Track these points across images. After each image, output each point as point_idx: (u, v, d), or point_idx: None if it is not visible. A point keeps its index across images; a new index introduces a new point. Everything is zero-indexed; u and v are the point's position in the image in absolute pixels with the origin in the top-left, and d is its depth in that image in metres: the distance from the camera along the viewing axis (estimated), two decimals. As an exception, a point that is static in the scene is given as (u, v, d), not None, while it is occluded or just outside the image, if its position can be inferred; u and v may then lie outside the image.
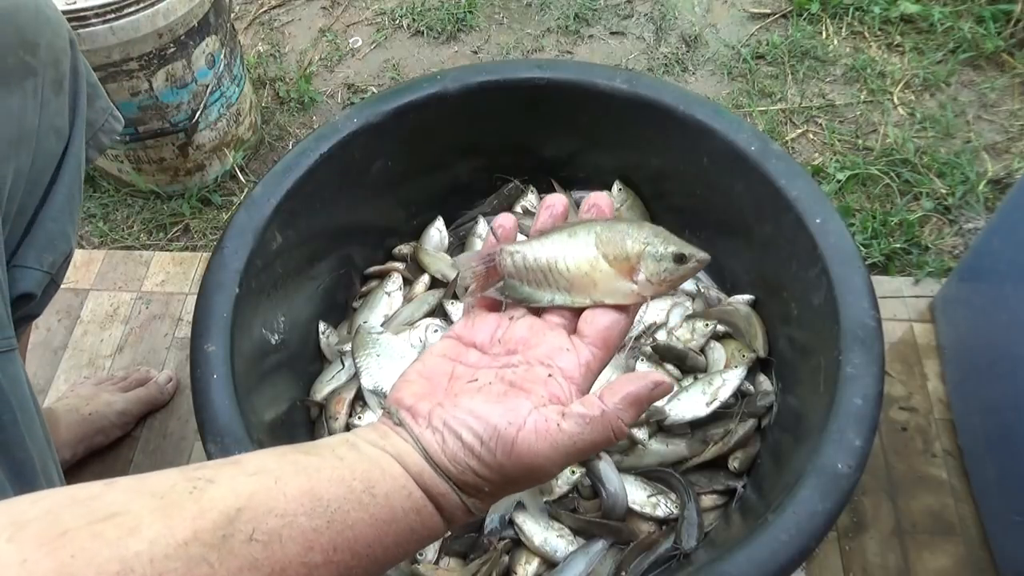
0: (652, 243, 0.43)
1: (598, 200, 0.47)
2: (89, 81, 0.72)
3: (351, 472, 0.35)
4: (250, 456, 0.35)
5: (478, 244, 1.06)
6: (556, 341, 0.42)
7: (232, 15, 1.45)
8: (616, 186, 1.07)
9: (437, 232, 1.08)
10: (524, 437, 0.37)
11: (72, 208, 0.68)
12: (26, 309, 0.66)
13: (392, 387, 0.42)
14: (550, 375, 0.40)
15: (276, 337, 0.90)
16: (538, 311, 0.45)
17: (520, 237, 0.47)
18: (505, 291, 0.45)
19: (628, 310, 0.43)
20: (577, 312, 0.44)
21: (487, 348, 0.44)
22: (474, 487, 0.38)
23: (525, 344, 0.42)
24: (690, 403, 0.89)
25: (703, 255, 0.44)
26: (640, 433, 0.88)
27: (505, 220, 0.47)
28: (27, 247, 0.64)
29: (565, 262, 0.43)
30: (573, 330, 0.43)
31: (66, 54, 0.66)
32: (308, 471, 0.35)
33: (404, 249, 1.08)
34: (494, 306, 0.46)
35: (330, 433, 0.92)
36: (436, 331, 0.95)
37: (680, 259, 0.43)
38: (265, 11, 1.65)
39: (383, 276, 1.06)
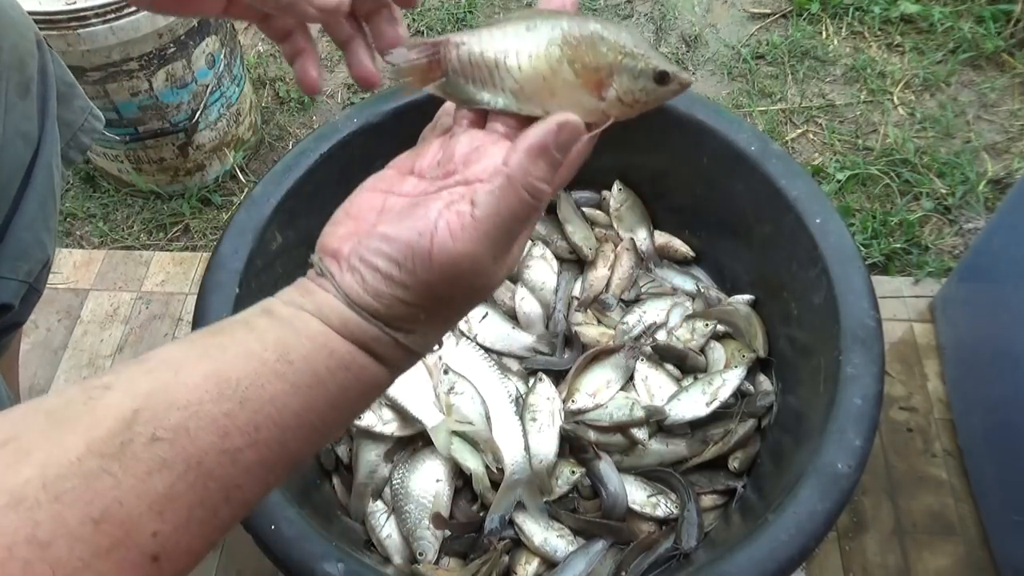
0: (631, 54, 0.36)
1: None
2: (65, 81, 0.70)
3: (262, 343, 0.32)
4: (156, 351, 0.32)
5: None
6: (496, 153, 0.36)
7: (232, 15, 1.45)
8: (616, 186, 1.07)
9: (437, 232, 1.08)
10: (440, 243, 0.33)
11: (47, 215, 0.67)
12: (6, 318, 0.65)
13: (320, 235, 0.38)
14: (482, 181, 0.35)
15: (276, 337, 0.90)
16: (483, 121, 0.39)
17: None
18: (447, 88, 0.39)
19: (589, 129, 0.37)
20: (527, 121, 0.37)
21: (425, 173, 0.39)
22: (408, 319, 0.34)
23: (465, 162, 0.37)
24: (690, 403, 0.89)
25: (687, 77, 0.38)
26: (640, 433, 0.88)
27: None
28: (0, 257, 0.63)
29: (517, 59, 0.37)
30: None
31: (32, 56, 0.64)
32: (212, 353, 0.32)
33: (404, 249, 1.08)
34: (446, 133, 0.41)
35: (330, 433, 0.92)
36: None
37: (662, 78, 0.37)
38: (265, 11, 1.65)
39: (383, 276, 1.06)
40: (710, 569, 0.66)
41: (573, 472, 0.86)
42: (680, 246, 1.07)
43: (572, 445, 0.88)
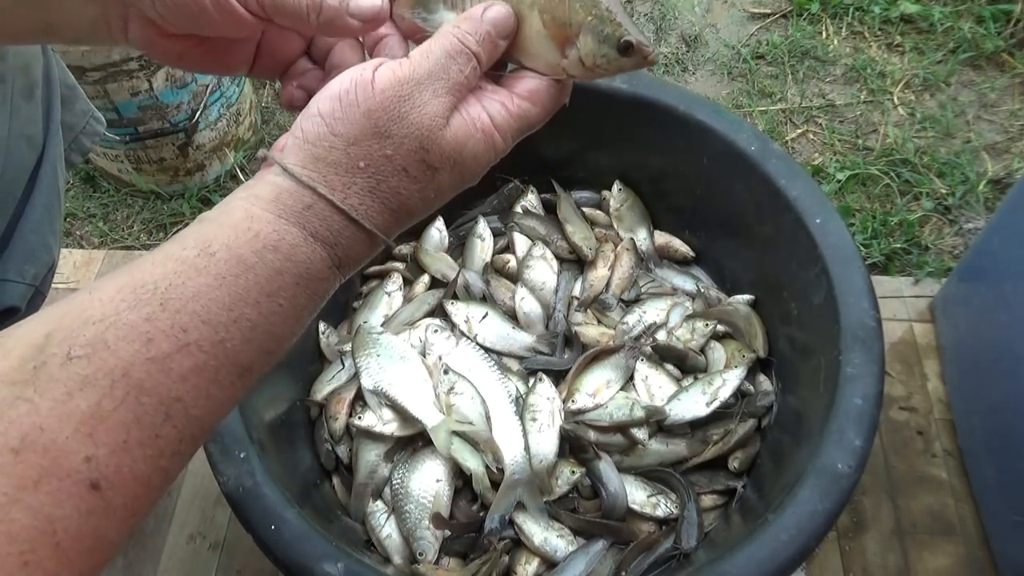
0: (600, 18, 0.36)
1: None
2: (66, 84, 0.70)
3: (181, 244, 0.30)
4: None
5: (478, 244, 1.06)
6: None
7: (232, 15, 1.45)
8: (616, 186, 1.07)
9: (437, 232, 1.08)
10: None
11: (52, 219, 0.67)
12: (12, 321, 0.65)
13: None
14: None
15: (276, 337, 0.90)
16: None
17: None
18: (418, 13, 0.39)
19: (562, 85, 0.38)
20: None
21: None
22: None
23: None
24: (690, 403, 0.89)
25: (652, 52, 0.36)
26: (640, 433, 0.88)
27: None
28: (7, 260, 0.63)
29: None
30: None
31: (37, 60, 0.64)
32: (130, 267, 0.30)
33: (404, 249, 1.08)
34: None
35: (331, 434, 0.92)
36: (436, 331, 0.95)
37: (626, 48, 0.36)
38: (265, 11, 1.65)
39: (383, 276, 1.06)
40: (710, 569, 0.66)
41: (573, 472, 0.86)
42: (680, 246, 1.07)
43: (572, 445, 0.88)
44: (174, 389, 0.28)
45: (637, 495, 0.86)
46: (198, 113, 1.24)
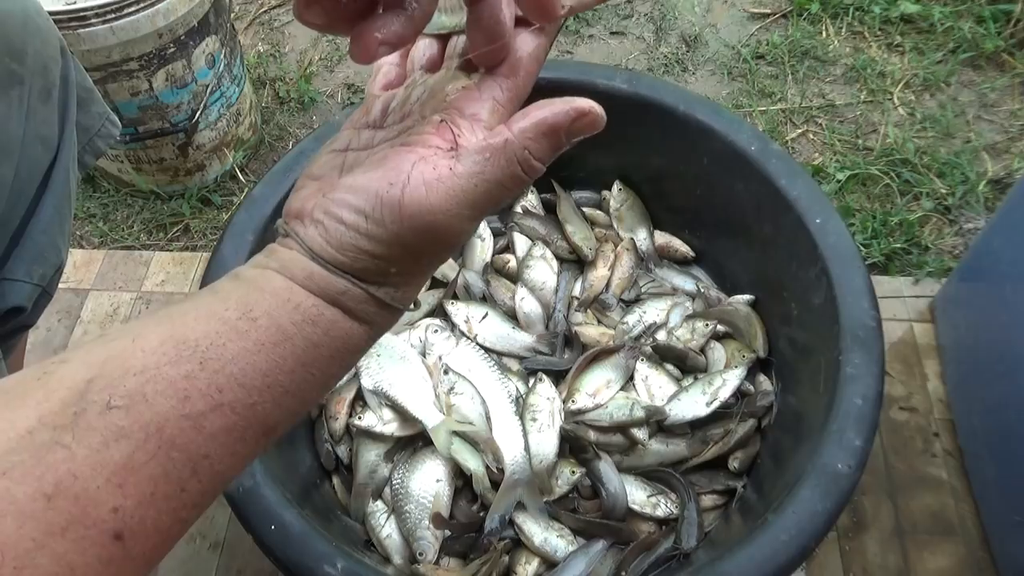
0: None
1: None
2: (84, 86, 0.71)
3: (223, 303, 0.30)
4: (119, 325, 0.31)
5: (478, 244, 1.06)
6: (451, 86, 0.34)
7: (232, 15, 1.45)
8: (616, 186, 1.07)
9: (437, 232, 1.08)
10: (412, 194, 0.30)
11: (62, 220, 0.67)
12: (18, 320, 0.65)
13: (286, 203, 0.36)
14: (443, 120, 0.33)
15: (276, 337, 0.90)
16: (439, 67, 0.38)
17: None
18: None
19: (544, 29, 0.35)
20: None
21: (382, 122, 0.37)
22: (377, 273, 0.32)
23: (420, 102, 0.35)
24: (690, 403, 0.89)
25: None
26: (640, 433, 0.88)
27: None
28: (16, 260, 0.63)
29: None
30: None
31: (56, 62, 0.65)
32: (173, 318, 0.30)
33: (404, 249, 1.08)
34: (396, 85, 0.39)
35: (331, 434, 0.92)
36: (436, 331, 0.95)
37: None
38: (265, 11, 1.65)
39: (383, 276, 1.06)
40: (710, 569, 0.66)
41: (573, 472, 0.86)
42: (680, 246, 1.07)
43: (572, 445, 0.88)
44: (204, 446, 0.28)
45: (637, 495, 0.86)
46: (198, 113, 1.24)
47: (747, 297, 0.98)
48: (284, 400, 0.31)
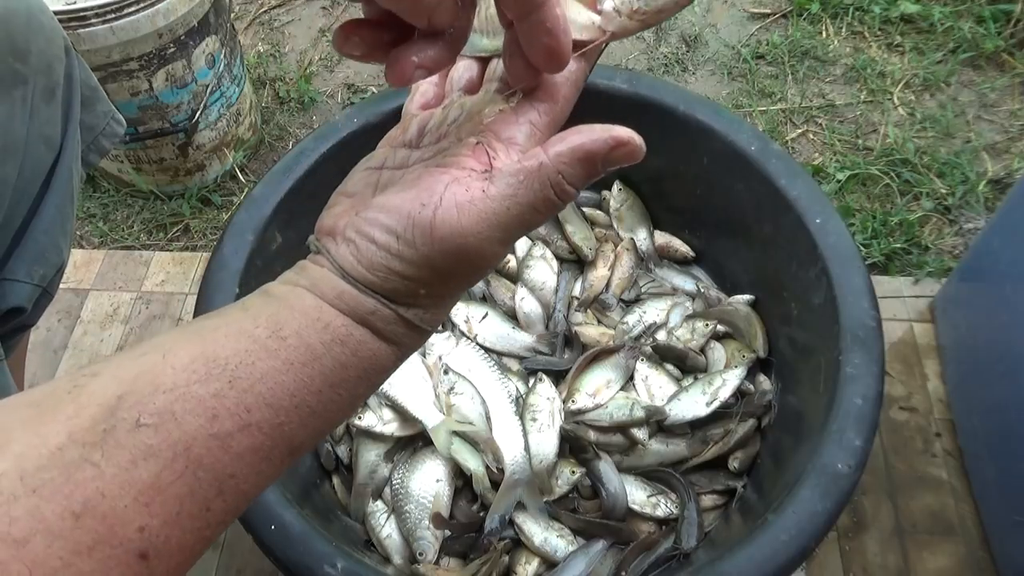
0: None
1: None
2: (89, 85, 0.71)
3: (254, 320, 0.30)
4: (150, 339, 0.31)
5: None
6: (489, 108, 0.34)
7: (232, 15, 1.45)
8: (616, 186, 1.07)
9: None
10: (443, 216, 0.30)
11: (64, 220, 0.67)
12: (18, 321, 0.65)
13: (318, 219, 0.36)
14: (479, 142, 0.32)
15: (276, 337, 0.90)
16: (477, 87, 0.38)
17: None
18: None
19: (585, 54, 0.35)
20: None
21: (418, 142, 0.37)
22: (407, 294, 0.32)
23: (457, 123, 0.35)
24: (690, 403, 0.89)
25: None
26: (640, 433, 0.88)
27: None
28: (17, 260, 0.63)
29: None
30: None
31: (60, 61, 0.65)
32: (203, 334, 0.30)
33: (404, 249, 1.08)
34: (434, 105, 0.39)
35: (331, 434, 0.92)
36: (436, 331, 0.95)
37: None
38: (265, 11, 1.65)
39: (383, 276, 1.06)
40: (710, 569, 0.66)
41: (573, 472, 0.86)
42: (680, 246, 1.07)
43: (572, 445, 0.88)
44: (230, 466, 0.29)
45: (637, 495, 0.86)
46: (198, 113, 1.24)
47: (747, 297, 0.98)
48: (310, 420, 0.31)
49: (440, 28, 0.31)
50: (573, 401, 0.89)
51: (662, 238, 1.07)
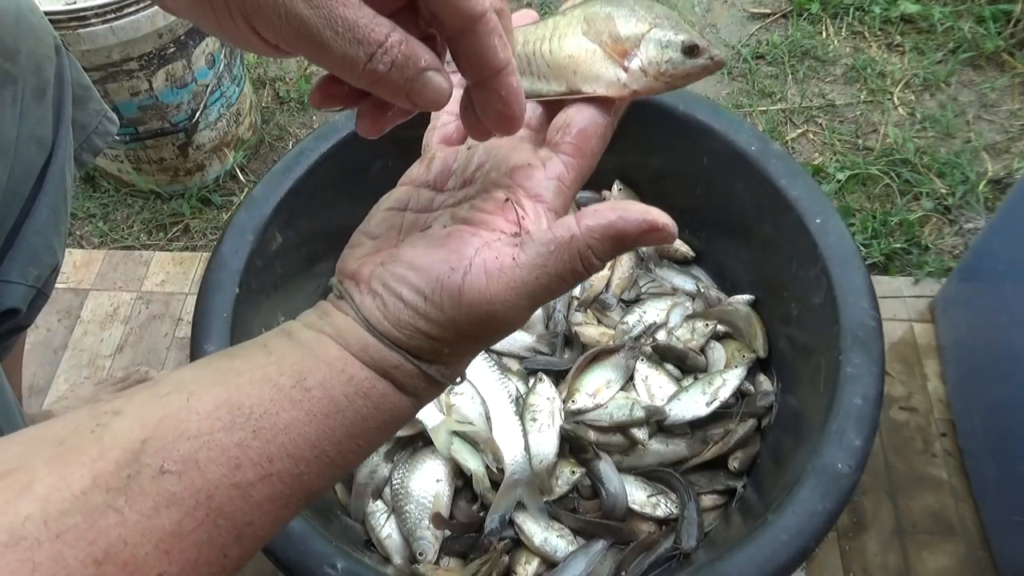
0: (661, 25, 0.34)
1: None
2: (81, 84, 0.70)
3: (278, 367, 0.30)
4: (170, 374, 0.31)
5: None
6: (519, 158, 0.34)
7: (232, 15, 1.45)
8: (616, 186, 1.07)
9: (437, 232, 1.08)
10: (472, 282, 0.31)
11: (58, 220, 0.67)
12: (13, 322, 0.65)
13: (340, 258, 0.36)
14: (508, 199, 0.33)
15: (276, 337, 0.90)
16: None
17: None
18: None
19: (610, 107, 0.35)
20: (552, 115, 0.36)
21: (442, 184, 0.37)
22: (431, 351, 0.32)
23: (483, 170, 0.35)
24: (690, 403, 0.89)
25: (719, 55, 0.35)
26: (640, 433, 0.88)
27: (523, 16, 0.39)
28: (11, 261, 0.63)
29: (549, 44, 0.36)
30: (543, 143, 0.36)
31: (50, 61, 0.64)
32: (227, 378, 0.30)
33: (404, 249, 1.08)
34: (456, 141, 0.39)
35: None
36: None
37: (691, 51, 0.34)
38: (265, 11, 1.65)
39: (383, 276, 1.06)
40: (710, 569, 0.66)
41: (573, 472, 0.86)
42: (680, 246, 1.07)
43: (572, 445, 0.88)
44: (249, 514, 0.29)
45: (637, 495, 0.86)
46: (198, 113, 1.24)
47: (747, 297, 0.98)
48: (328, 469, 0.31)
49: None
50: (573, 401, 0.89)
51: (662, 238, 1.07)
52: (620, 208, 0.32)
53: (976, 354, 1.00)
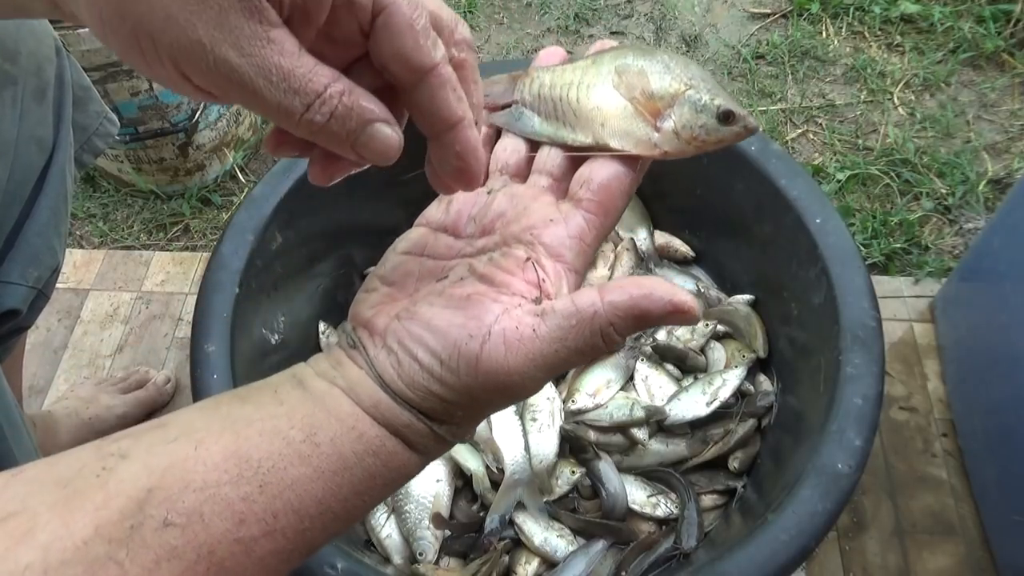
0: (697, 87, 0.34)
1: (606, 44, 0.37)
2: (81, 85, 0.70)
3: (288, 419, 0.30)
4: (178, 415, 0.30)
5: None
6: (540, 211, 0.34)
7: (232, 15, 1.45)
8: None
9: (437, 232, 1.08)
10: (491, 351, 0.30)
11: (58, 221, 0.67)
12: (14, 323, 0.65)
13: (353, 301, 0.35)
14: (528, 258, 0.32)
15: (276, 337, 0.90)
16: (519, 168, 0.37)
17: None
18: (511, 118, 0.37)
19: (635, 164, 0.34)
20: (574, 163, 0.35)
21: (461, 231, 0.36)
22: (444, 413, 0.32)
23: (503, 219, 0.35)
24: (690, 403, 0.89)
25: (753, 122, 0.35)
26: (640, 433, 0.88)
27: (553, 52, 0.38)
28: (11, 262, 0.63)
29: (577, 91, 0.35)
30: (565, 192, 0.35)
31: (50, 62, 0.64)
32: (237, 426, 0.29)
33: (404, 249, 1.08)
34: None
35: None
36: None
37: (726, 117, 0.34)
38: (265, 11, 1.65)
39: (383, 276, 1.06)
40: (710, 569, 0.66)
41: (573, 472, 0.86)
42: (680, 246, 1.07)
43: (572, 445, 0.88)
44: (251, 569, 0.28)
45: (637, 495, 0.86)
46: (198, 113, 1.24)
47: (747, 297, 0.98)
48: (333, 525, 0.31)
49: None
50: (573, 401, 0.89)
51: (662, 238, 1.07)
52: (646, 286, 0.31)
53: (976, 354, 1.00)
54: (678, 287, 0.31)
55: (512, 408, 0.89)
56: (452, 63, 0.30)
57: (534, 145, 0.37)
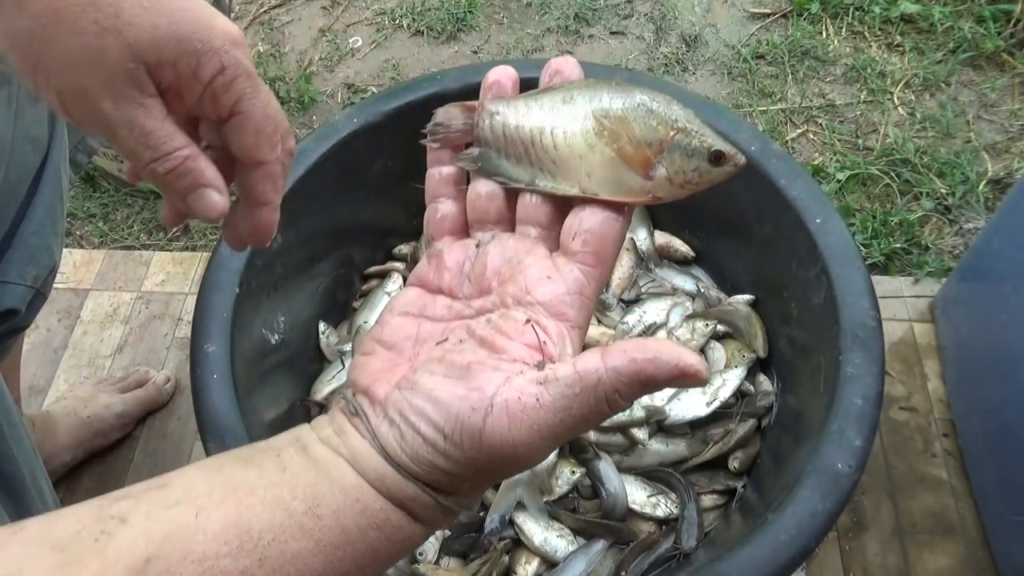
0: (685, 131, 0.33)
1: (562, 67, 0.36)
2: None
3: (291, 489, 0.30)
4: (180, 476, 0.30)
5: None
6: (535, 268, 0.33)
7: (232, 15, 1.45)
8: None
9: (437, 232, 1.07)
10: (494, 424, 0.29)
11: (54, 221, 0.67)
12: (12, 323, 0.65)
13: (351, 365, 0.36)
14: (528, 320, 0.32)
15: (276, 337, 0.90)
16: (505, 216, 0.36)
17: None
18: (479, 162, 0.36)
19: (624, 208, 0.34)
20: (561, 209, 0.35)
21: (456, 291, 0.35)
22: (449, 485, 0.31)
23: (499, 278, 0.34)
24: (690, 403, 0.89)
25: (742, 158, 0.35)
26: (640, 433, 0.88)
27: (502, 75, 0.37)
28: (8, 262, 0.63)
29: (552, 136, 0.34)
30: (556, 241, 0.34)
31: None
32: (239, 493, 0.29)
33: (404, 249, 1.08)
34: (460, 231, 0.37)
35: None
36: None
37: (717, 159, 0.34)
38: (265, 11, 1.65)
39: (383, 276, 1.06)
40: (710, 569, 0.66)
41: (573, 472, 0.86)
42: (680, 246, 1.07)
43: (572, 445, 0.88)
44: None
45: (637, 495, 0.86)
46: (198, 113, 1.24)
47: (747, 297, 0.98)
48: None
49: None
50: (573, 401, 0.89)
51: (662, 238, 1.07)
52: (651, 350, 0.30)
53: (976, 354, 1.00)
54: (684, 349, 0.30)
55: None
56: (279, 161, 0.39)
57: (512, 192, 0.36)
